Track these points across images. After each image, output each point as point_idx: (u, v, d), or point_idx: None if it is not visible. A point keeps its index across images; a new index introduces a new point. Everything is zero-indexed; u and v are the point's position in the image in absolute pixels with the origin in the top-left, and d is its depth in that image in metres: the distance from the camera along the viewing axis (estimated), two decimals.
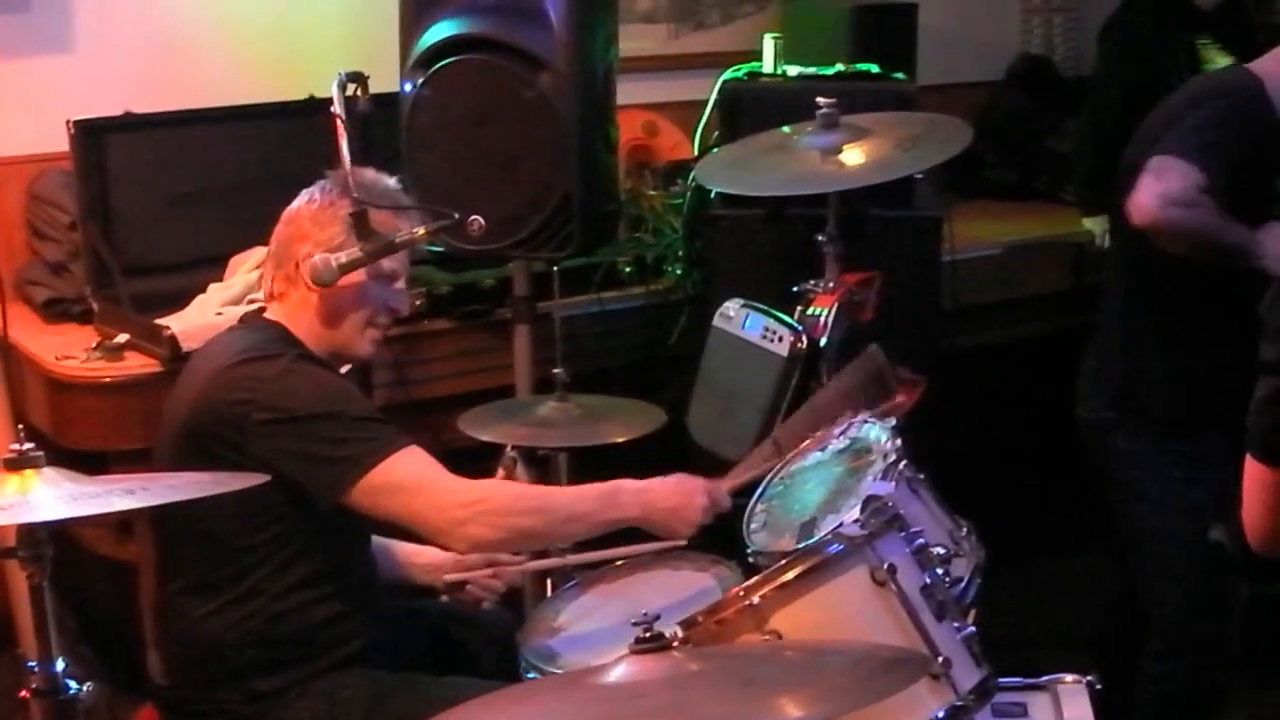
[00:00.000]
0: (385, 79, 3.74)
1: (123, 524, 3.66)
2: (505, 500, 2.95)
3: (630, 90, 4.25)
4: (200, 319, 3.74)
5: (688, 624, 2.36)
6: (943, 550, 2.54)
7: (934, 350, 4.04)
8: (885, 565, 2.38)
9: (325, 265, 2.93)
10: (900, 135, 3.46)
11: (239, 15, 4.53)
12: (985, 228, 5.05)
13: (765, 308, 3.53)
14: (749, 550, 2.67)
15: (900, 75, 4.31)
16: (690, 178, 4.32)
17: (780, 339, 3.44)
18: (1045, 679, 2.81)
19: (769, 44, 4.39)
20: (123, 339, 3.76)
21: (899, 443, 2.71)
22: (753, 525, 2.75)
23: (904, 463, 2.65)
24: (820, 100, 3.45)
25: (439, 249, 3.84)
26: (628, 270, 4.42)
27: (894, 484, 2.55)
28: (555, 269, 3.95)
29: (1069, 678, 2.81)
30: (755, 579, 2.39)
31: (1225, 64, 4.51)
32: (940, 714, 2.33)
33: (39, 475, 2.33)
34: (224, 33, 4.50)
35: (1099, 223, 4.85)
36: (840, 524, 2.44)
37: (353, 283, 3.00)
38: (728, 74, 4.35)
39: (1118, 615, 4.21)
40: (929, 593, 2.42)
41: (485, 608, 3.31)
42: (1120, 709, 2.90)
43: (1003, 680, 2.55)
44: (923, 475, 2.73)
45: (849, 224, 3.59)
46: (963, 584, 2.63)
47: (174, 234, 4.13)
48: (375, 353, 3.19)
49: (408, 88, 3.84)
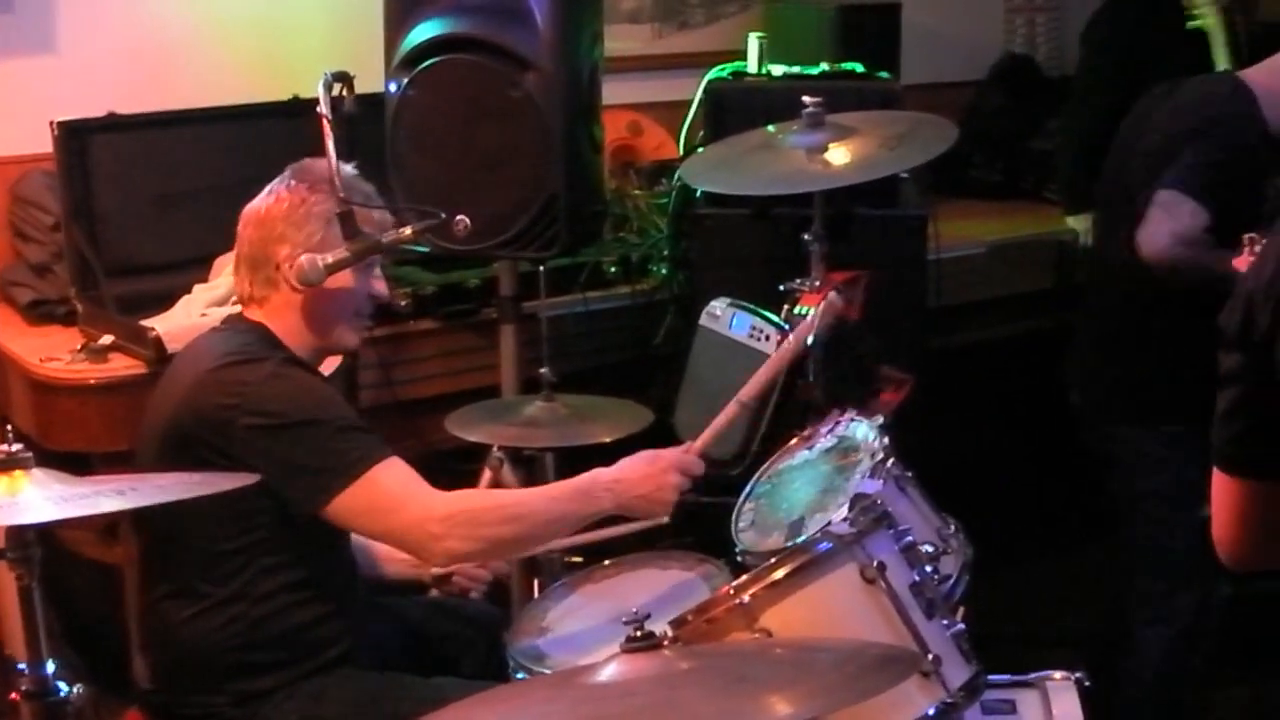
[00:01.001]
0: (370, 79, 3.73)
1: (108, 526, 3.65)
2: (481, 512, 2.93)
3: (615, 90, 4.24)
4: (185, 320, 3.73)
5: (678, 623, 2.35)
6: (931, 548, 2.55)
7: (920, 349, 4.04)
8: (874, 563, 2.38)
9: (312, 266, 2.92)
10: (885, 134, 3.47)
11: (223, 16, 4.52)
12: (969, 226, 5.06)
13: (752, 306, 3.53)
14: (737, 549, 2.67)
15: (885, 74, 4.31)
16: (675, 177, 4.31)
17: (767, 338, 3.44)
18: (1034, 676, 2.83)
19: (753, 43, 4.40)
20: (107, 340, 3.75)
21: (887, 441, 2.71)
22: (741, 524, 2.75)
23: (892, 460, 2.65)
24: (806, 99, 3.46)
25: (424, 249, 3.83)
26: (613, 270, 4.42)
27: (882, 482, 2.56)
28: (541, 269, 3.95)
29: (1057, 675, 2.82)
30: (745, 577, 2.39)
31: (1220, 65, 4.52)
32: (930, 711, 2.34)
33: (28, 476, 2.33)
34: (208, 33, 4.49)
35: (1082, 221, 4.87)
36: (829, 522, 2.44)
37: (338, 283, 2.99)
38: (712, 74, 4.36)
39: (1106, 611, 4.22)
40: (918, 590, 2.42)
41: (474, 597, 3.30)
42: (1108, 705, 2.90)
43: (991, 677, 2.55)
44: (910, 473, 2.73)
45: (835, 223, 3.59)
46: (951, 581, 2.64)
47: (158, 235, 4.12)
48: (360, 341, 3.19)
49: (393, 88, 3.83)
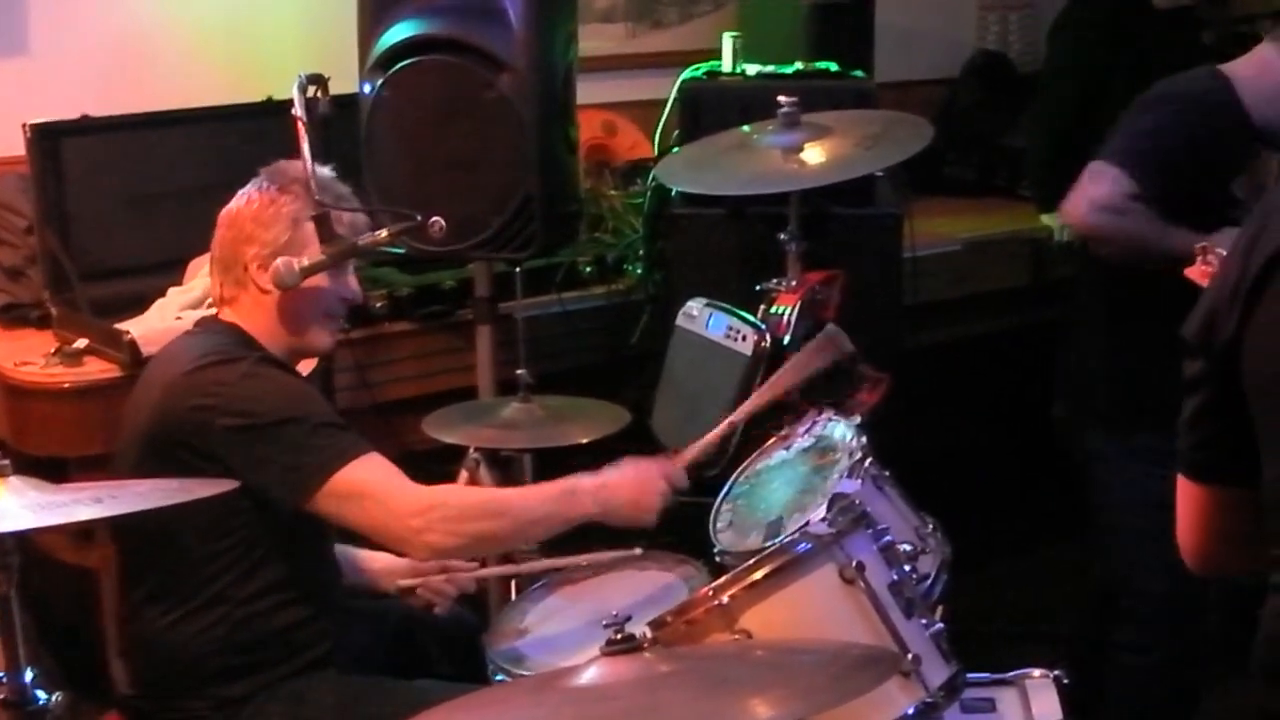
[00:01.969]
0: (344, 80, 3.73)
1: (84, 530, 3.63)
2: (463, 506, 2.94)
3: (588, 90, 4.24)
4: (160, 323, 3.72)
5: (657, 624, 2.35)
6: (909, 547, 2.56)
7: (896, 347, 4.04)
8: (853, 563, 2.38)
9: (288, 269, 2.92)
10: (861, 133, 3.47)
11: (196, 17, 4.50)
12: (944, 224, 5.07)
13: (728, 307, 3.53)
14: (716, 550, 2.67)
15: (859, 73, 4.32)
16: (650, 177, 4.31)
17: (744, 338, 3.43)
18: (1013, 674, 2.84)
19: (728, 42, 4.39)
20: (82, 344, 3.73)
21: (864, 440, 2.72)
22: (719, 525, 2.76)
23: (869, 460, 2.66)
24: (781, 99, 3.46)
25: (400, 250, 3.82)
26: (588, 270, 4.42)
27: (860, 481, 2.57)
28: (517, 270, 3.94)
29: (1036, 673, 2.83)
30: (724, 578, 2.40)
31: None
32: (910, 711, 2.34)
33: (4, 484, 2.31)
34: (181, 35, 4.48)
35: (1055, 218, 4.87)
36: (807, 522, 2.44)
37: (313, 285, 2.98)
38: (687, 73, 4.35)
39: (1084, 610, 4.23)
40: (897, 590, 2.43)
41: (437, 612, 3.30)
42: (1088, 703, 2.91)
43: (971, 676, 2.56)
44: (888, 472, 2.74)
45: (810, 222, 3.59)
46: (930, 581, 2.65)
47: (132, 238, 4.10)
48: (334, 343, 3.19)
49: (367, 89, 3.82)
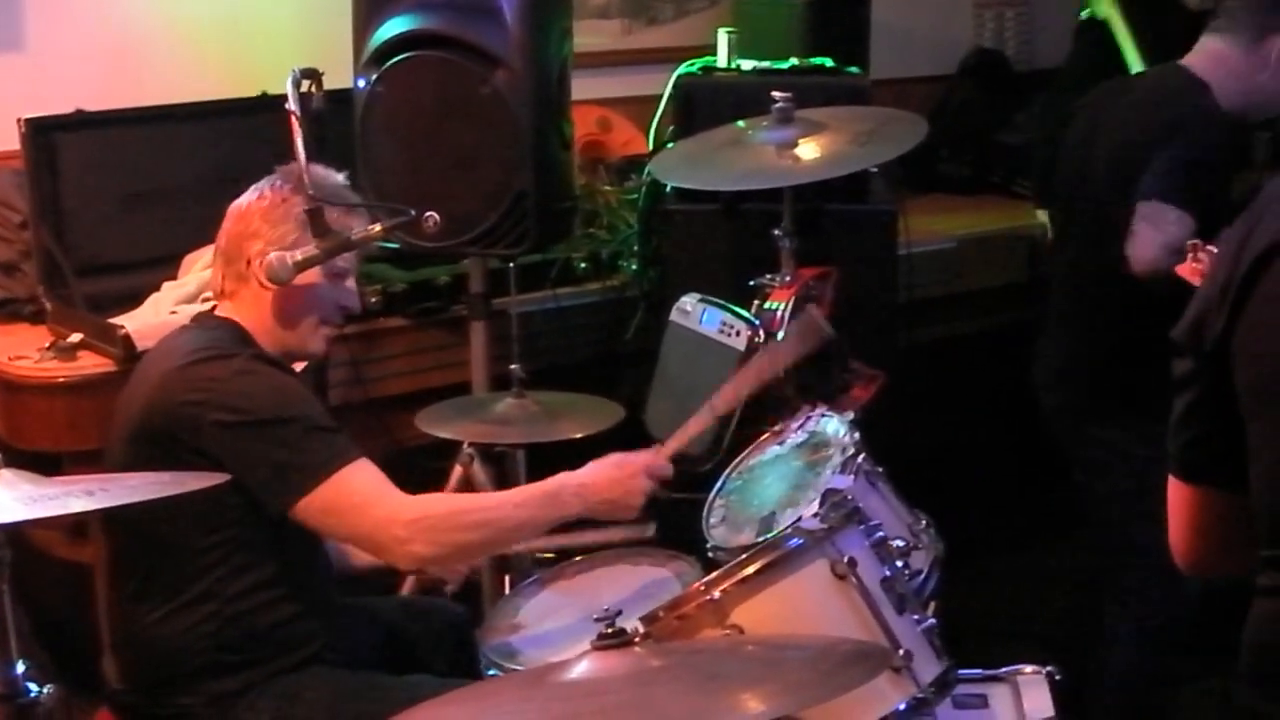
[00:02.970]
0: (339, 76, 3.73)
1: (76, 525, 3.63)
2: (447, 516, 2.91)
3: (583, 86, 4.24)
4: (154, 318, 3.72)
5: (649, 619, 2.36)
6: (902, 543, 2.55)
7: (890, 344, 4.04)
8: (845, 559, 2.39)
9: (281, 264, 2.91)
10: (855, 130, 3.47)
11: (191, 13, 4.49)
12: (939, 221, 5.07)
13: (722, 302, 3.53)
14: (709, 545, 2.67)
15: (854, 69, 4.32)
16: (645, 173, 4.31)
17: (738, 333, 3.44)
18: (1005, 670, 2.84)
19: (723, 38, 4.39)
20: (76, 339, 3.74)
21: (857, 436, 2.72)
22: (712, 520, 2.75)
23: (862, 456, 2.66)
24: (776, 95, 3.46)
25: (394, 246, 3.83)
26: (583, 266, 4.42)
27: (853, 477, 2.56)
28: (511, 265, 3.94)
29: (1028, 669, 2.84)
30: (716, 574, 2.40)
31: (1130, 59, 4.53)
32: (901, 706, 2.35)
33: None
34: (176, 30, 4.47)
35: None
36: (799, 518, 2.44)
37: (307, 281, 2.98)
38: (682, 69, 4.35)
39: (1076, 606, 4.23)
40: (889, 586, 2.43)
41: (449, 589, 3.30)
42: (1079, 699, 2.92)
43: (962, 672, 2.56)
44: (881, 468, 2.74)
45: (805, 218, 3.59)
46: (922, 577, 2.64)
47: (127, 233, 4.10)
48: (327, 350, 3.19)
49: (361, 84, 3.83)
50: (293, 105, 3.11)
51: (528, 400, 3.75)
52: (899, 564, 2.48)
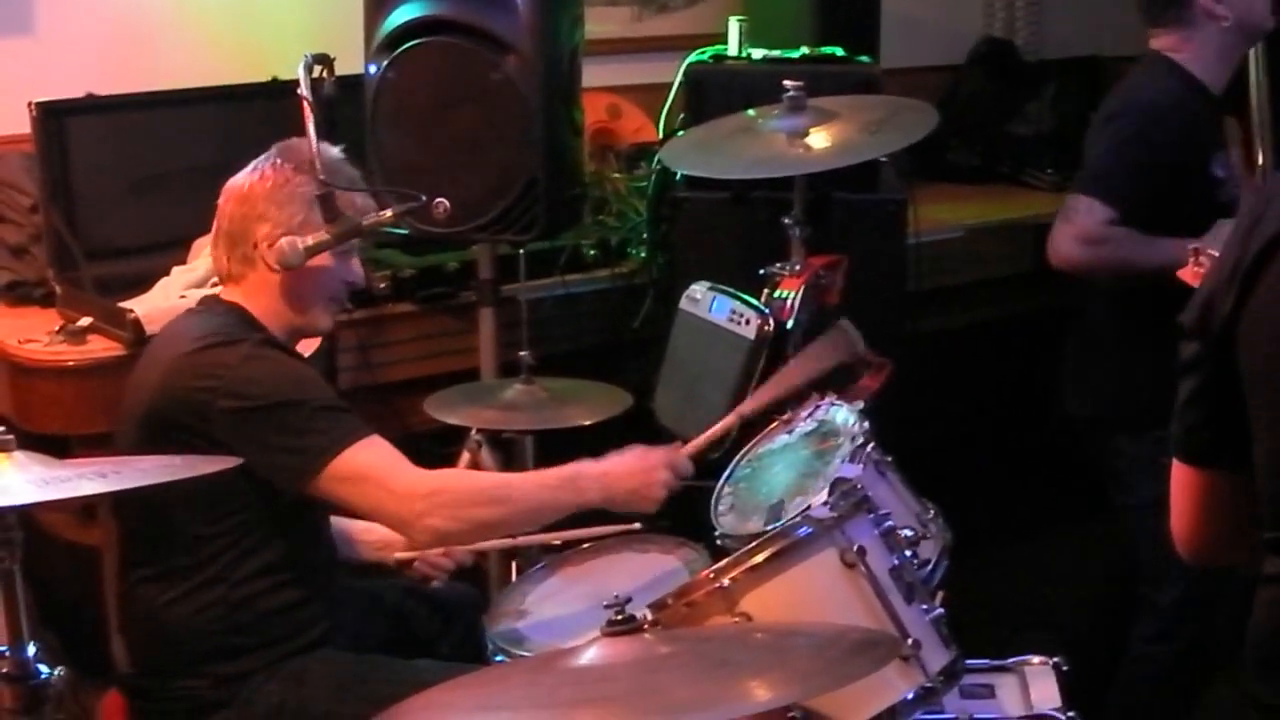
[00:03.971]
0: (349, 62, 3.72)
1: (86, 508, 3.63)
2: (465, 492, 2.93)
3: (593, 73, 4.24)
4: (163, 302, 3.72)
5: (657, 606, 2.36)
6: (911, 533, 2.55)
7: (899, 333, 4.04)
8: (855, 547, 2.38)
9: (293, 249, 2.91)
10: (866, 118, 3.47)
11: None
12: (947, 210, 5.05)
13: (732, 290, 3.53)
14: (717, 533, 2.67)
15: (865, 58, 4.31)
16: (655, 160, 4.31)
17: (747, 322, 3.43)
18: (1012, 660, 2.84)
19: (734, 26, 4.38)
20: (86, 322, 3.73)
21: (866, 425, 2.71)
22: (720, 508, 2.75)
23: (871, 445, 2.65)
24: (787, 83, 3.45)
25: (403, 231, 3.83)
26: (592, 253, 4.41)
27: (862, 466, 2.56)
28: (521, 252, 3.94)
29: (1036, 659, 2.84)
30: (725, 561, 2.39)
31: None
32: (909, 695, 2.34)
33: (9, 459, 2.32)
34: (186, 14, 4.47)
35: None
36: (808, 506, 2.44)
37: (317, 265, 2.98)
38: (692, 57, 4.34)
39: (1084, 597, 4.23)
40: (898, 575, 2.42)
41: (434, 585, 3.30)
42: (1087, 690, 2.91)
43: (970, 662, 2.56)
44: (890, 458, 2.74)
45: (815, 207, 3.59)
46: (930, 566, 2.64)
47: (137, 217, 4.10)
48: (335, 330, 3.19)
49: (372, 70, 3.82)
50: (305, 90, 3.10)
51: (536, 387, 3.75)
52: (908, 553, 2.48)
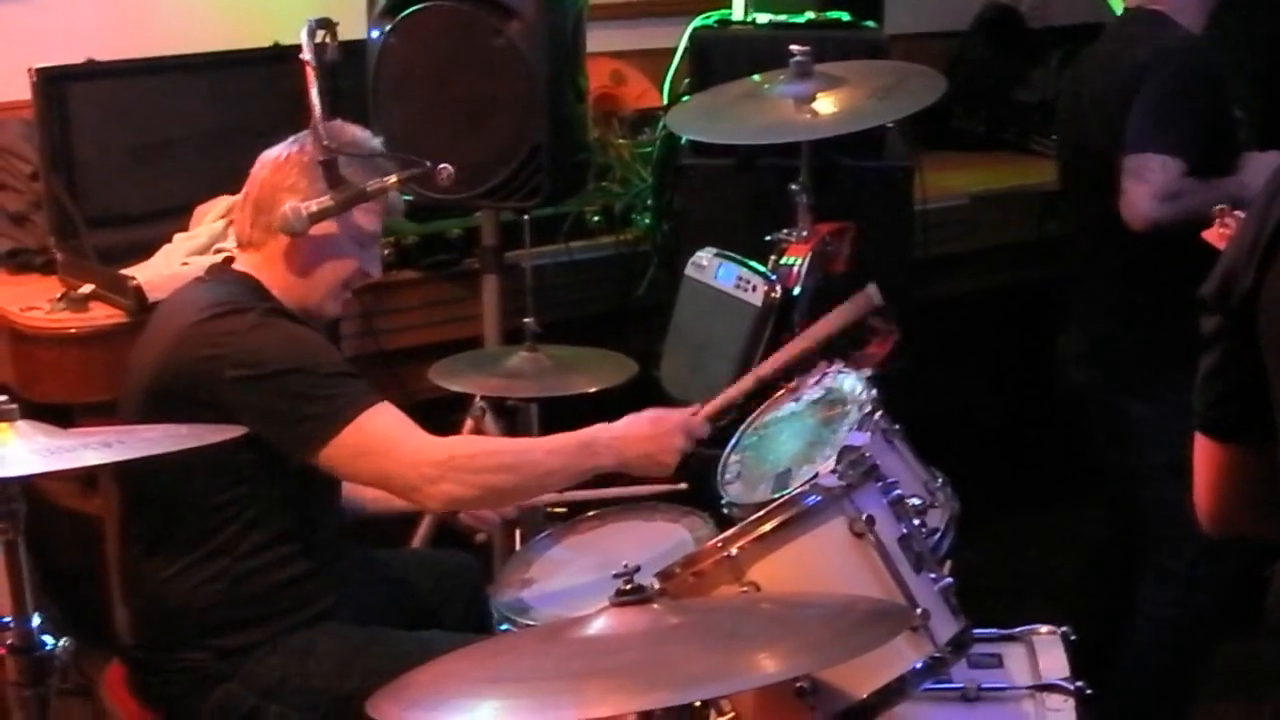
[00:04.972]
0: (351, 27, 3.69)
1: (88, 477, 3.63)
2: (478, 457, 2.91)
3: (597, 38, 4.22)
4: (166, 269, 3.71)
5: (665, 575, 2.34)
6: (919, 501, 2.53)
7: (906, 300, 4.01)
8: (864, 516, 2.36)
9: (295, 214, 2.90)
10: (874, 84, 3.45)
11: None
12: (953, 178, 5.03)
13: (738, 257, 3.51)
14: (723, 501, 2.66)
15: (871, 24, 4.28)
16: (660, 126, 4.29)
17: (754, 288, 3.41)
18: (1020, 630, 2.84)
19: None
20: (87, 290, 3.72)
21: (874, 393, 2.69)
22: (727, 476, 2.74)
23: (879, 413, 2.63)
24: (794, 48, 3.43)
25: (407, 198, 3.80)
26: (596, 220, 4.40)
27: (870, 435, 2.53)
28: (525, 219, 3.93)
29: (1044, 629, 2.84)
30: (733, 530, 2.38)
31: None
32: (918, 665, 2.33)
33: (12, 429, 2.31)
34: None
35: None
36: (816, 475, 2.42)
37: (324, 233, 2.96)
38: (697, 21, 4.30)
39: (1091, 566, 4.22)
40: (906, 544, 2.41)
41: (479, 540, 3.29)
42: (1095, 658, 2.90)
43: (978, 631, 2.55)
44: (898, 426, 2.72)
45: (821, 174, 3.57)
46: (939, 535, 2.62)
47: (138, 184, 4.08)
48: (339, 312, 3.17)
49: (375, 35, 3.80)
50: (308, 55, 3.08)
51: (540, 354, 3.73)
52: (916, 522, 2.46)
